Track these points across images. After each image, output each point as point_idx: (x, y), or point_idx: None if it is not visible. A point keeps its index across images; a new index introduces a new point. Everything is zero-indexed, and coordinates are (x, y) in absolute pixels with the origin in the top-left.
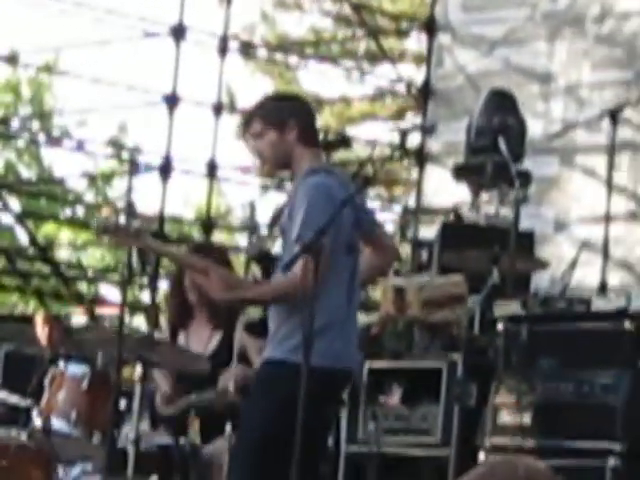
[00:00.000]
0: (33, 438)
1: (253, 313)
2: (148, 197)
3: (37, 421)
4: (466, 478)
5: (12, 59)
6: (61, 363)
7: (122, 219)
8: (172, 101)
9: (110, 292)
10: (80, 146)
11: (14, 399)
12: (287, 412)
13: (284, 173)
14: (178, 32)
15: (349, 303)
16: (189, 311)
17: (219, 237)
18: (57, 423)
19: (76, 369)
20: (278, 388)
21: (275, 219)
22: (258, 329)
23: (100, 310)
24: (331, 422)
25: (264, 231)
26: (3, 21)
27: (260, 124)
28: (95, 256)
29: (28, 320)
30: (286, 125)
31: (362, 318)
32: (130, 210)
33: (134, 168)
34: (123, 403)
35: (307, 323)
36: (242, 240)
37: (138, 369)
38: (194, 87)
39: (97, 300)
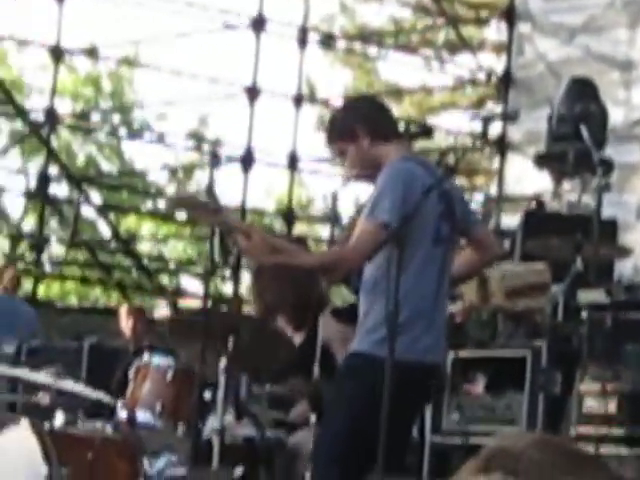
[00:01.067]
0: (118, 430)
1: (340, 302)
2: (230, 189)
3: (122, 413)
4: None
5: (92, 53)
6: (146, 355)
7: (199, 195)
8: (253, 93)
9: (191, 284)
10: (161, 139)
11: (98, 395)
12: (372, 405)
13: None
14: (258, 24)
15: (437, 295)
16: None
17: (300, 228)
18: (142, 415)
19: (161, 361)
20: (363, 381)
21: (359, 212)
22: (345, 315)
23: (182, 302)
24: (416, 414)
25: (345, 221)
26: (83, 15)
27: (337, 143)
28: (177, 248)
29: (111, 313)
30: (356, 133)
31: None
32: (213, 202)
33: (215, 160)
34: (208, 394)
35: (391, 316)
36: (323, 231)
37: (223, 360)
38: (274, 79)
39: (179, 292)
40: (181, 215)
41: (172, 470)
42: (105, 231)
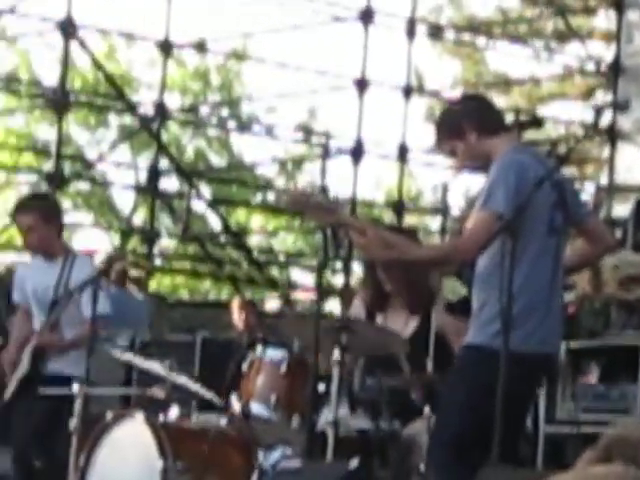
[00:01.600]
0: (233, 423)
1: (452, 295)
2: (340, 181)
3: (236, 406)
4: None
5: (201, 47)
6: (259, 348)
7: (314, 195)
8: (362, 85)
9: (302, 277)
10: (270, 132)
11: (209, 395)
12: (487, 396)
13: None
14: (366, 16)
15: (552, 285)
16: (385, 297)
17: (409, 220)
18: (256, 408)
19: (274, 353)
20: (478, 373)
21: (470, 204)
22: (459, 309)
23: (293, 295)
24: (530, 405)
25: (456, 213)
26: (192, 9)
27: (446, 143)
28: (286, 241)
29: (222, 306)
30: (463, 130)
31: None
32: (324, 193)
33: (326, 152)
34: (321, 387)
35: (506, 308)
36: (433, 223)
37: (336, 353)
38: (383, 70)
39: (289, 285)
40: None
41: (286, 463)
42: (215, 224)
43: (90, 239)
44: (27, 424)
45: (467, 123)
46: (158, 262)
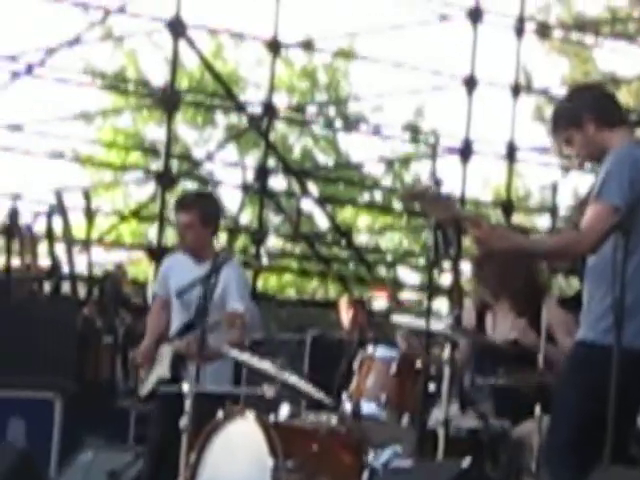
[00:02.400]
0: (343, 422)
1: (564, 290)
2: (448, 180)
3: (347, 405)
4: None
5: (308, 45)
6: (370, 347)
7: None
8: (470, 83)
9: (408, 276)
10: (376, 131)
11: (319, 396)
12: (598, 395)
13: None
14: (475, 14)
15: None
16: (496, 296)
17: (518, 219)
18: (367, 407)
19: (385, 352)
20: (590, 370)
21: (583, 204)
22: (571, 304)
23: (400, 294)
24: None
25: (564, 213)
26: (299, 8)
27: (563, 131)
28: (393, 240)
29: (330, 305)
30: (582, 121)
31: None
32: (436, 188)
33: (435, 151)
34: (432, 386)
35: (618, 303)
36: (541, 222)
37: (446, 351)
38: (491, 69)
39: (397, 284)
40: (397, 207)
41: (397, 462)
42: (322, 223)
43: None
44: (162, 425)
45: (587, 113)
46: (265, 261)
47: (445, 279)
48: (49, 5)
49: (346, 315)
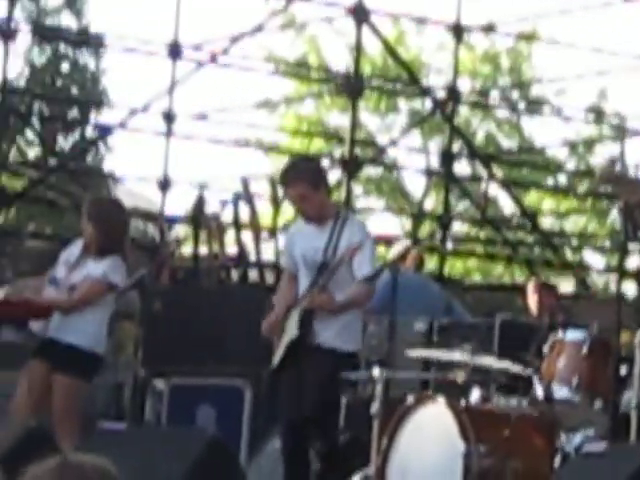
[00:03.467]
0: (535, 406)
1: None
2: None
3: (538, 389)
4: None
5: (490, 29)
6: (560, 330)
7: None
8: None
9: (594, 258)
10: (560, 114)
11: (516, 369)
12: None
13: None
14: None
15: None
16: None
17: None
18: (558, 390)
19: (575, 335)
20: None
21: None
22: None
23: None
24: None
25: None
26: None
27: None
28: (578, 223)
29: (517, 289)
30: None
31: None
32: (625, 170)
33: (622, 134)
34: (624, 369)
35: None
36: None
37: (638, 334)
38: None
39: (583, 267)
40: (582, 190)
41: (590, 446)
42: (507, 208)
43: (382, 224)
44: (297, 392)
45: None
46: (450, 246)
47: (633, 262)
48: None
49: (533, 299)
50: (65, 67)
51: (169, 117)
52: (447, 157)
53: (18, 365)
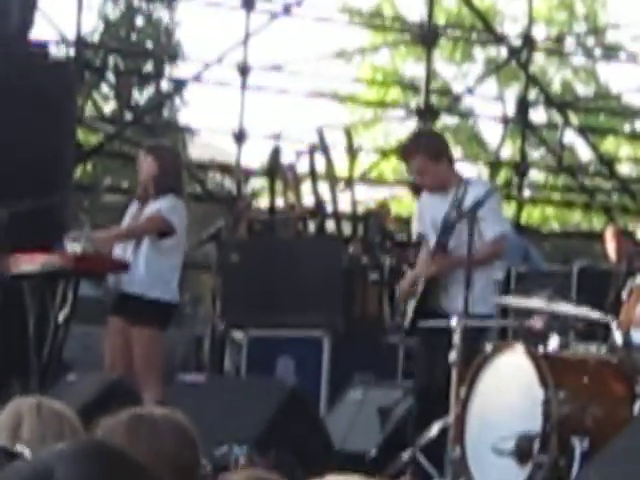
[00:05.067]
0: (613, 352)
1: None
2: None
3: (617, 335)
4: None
5: None
6: (638, 276)
7: None
8: None
9: None
10: (635, 59)
11: (595, 315)
12: None
13: None
14: None
15: None
16: None
17: None
18: (637, 336)
19: None
20: None
21: None
22: None
23: None
24: None
25: None
26: None
27: None
28: None
29: (595, 237)
30: None
31: None
32: None
33: None
34: None
35: None
36: None
37: None
38: None
39: None
40: None
41: None
42: (584, 155)
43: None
44: (424, 358)
45: None
46: (527, 193)
47: None
48: None
49: (611, 245)
50: (139, 21)
51: (243, 69)
52: (523, 105)
53: (96, 319)
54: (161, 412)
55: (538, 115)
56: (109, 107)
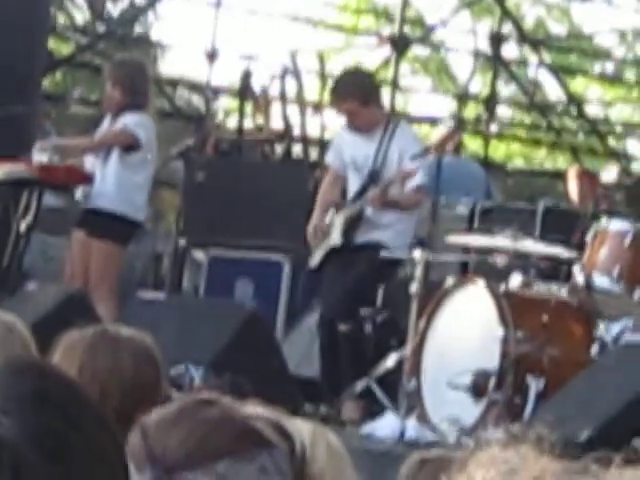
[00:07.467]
0: (575, 294)
1: None
2: None
3: (579, 277)
4: None
5: None
6: (604, 219)
7: None
8: None
9: (637, 148)
10: (610, 1)
11: (557, 251)
12: None
13: None
14: None
15: None
16: None
17: None
18: (599, 279)
19: (619, 225)
20: None
21: None
22: None
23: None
24: None
25: None
26: None
27: None
28: (623, 113)
29: (559, 176)
30: None
31: None
32: None
33: None
34: None
35: None
36: None
37: None
38: None
39: (626, 156)
40: (629, 78)
41: (629, 336)
42: (552, 93)
43: (428, 105)
44: (334, 293)
45: None
46: (494, 129)
47: None
48: None
49: (573, 185)
50: None
51: None
52: (496, 39)
53: (60, 230)
54: (128, 332)
55: (510, 51)
56: (82, 17)
